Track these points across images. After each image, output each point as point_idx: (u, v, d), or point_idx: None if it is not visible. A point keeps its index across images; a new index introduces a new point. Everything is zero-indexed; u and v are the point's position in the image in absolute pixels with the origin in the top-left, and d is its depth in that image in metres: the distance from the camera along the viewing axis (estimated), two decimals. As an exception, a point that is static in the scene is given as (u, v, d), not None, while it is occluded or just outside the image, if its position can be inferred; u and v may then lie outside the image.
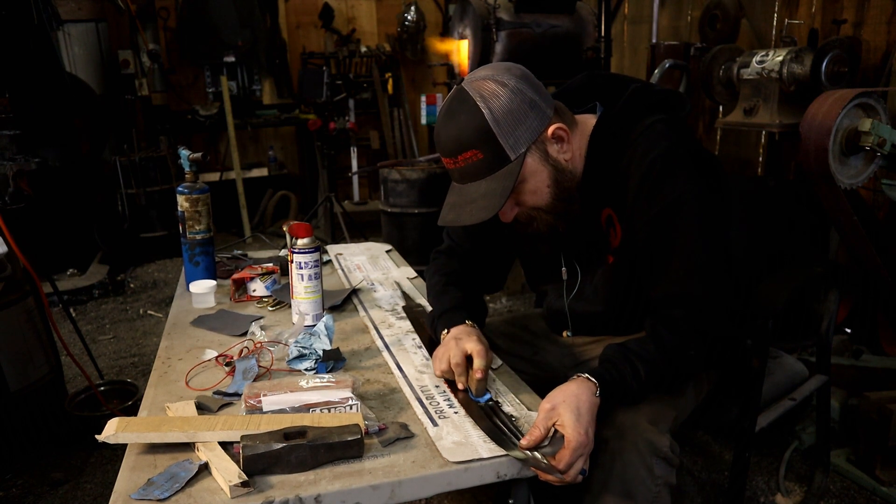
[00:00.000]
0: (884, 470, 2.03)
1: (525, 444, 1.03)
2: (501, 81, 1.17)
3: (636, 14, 4.49)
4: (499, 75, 1.18)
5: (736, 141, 3.70)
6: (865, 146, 2.10)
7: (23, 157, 3.20)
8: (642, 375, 1.17)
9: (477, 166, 1.19)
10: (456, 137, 1.19)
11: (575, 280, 1.43)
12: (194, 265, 1.79)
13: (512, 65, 1.22)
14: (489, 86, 1.17)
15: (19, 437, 2.28)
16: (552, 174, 1.24)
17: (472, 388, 1.21)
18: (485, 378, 1.22)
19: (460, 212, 1.23)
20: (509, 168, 1.18)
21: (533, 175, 1.22)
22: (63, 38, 4.67)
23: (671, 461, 1.16)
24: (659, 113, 1.28)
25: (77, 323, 3.07)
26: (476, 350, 1.24)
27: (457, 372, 1.23)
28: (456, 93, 1.21)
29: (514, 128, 1.17)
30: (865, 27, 2.89)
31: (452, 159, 1.21)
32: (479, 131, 1.16)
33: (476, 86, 1.18)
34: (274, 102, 5.97)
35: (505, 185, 1.18)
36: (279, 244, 3.35)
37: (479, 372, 1.21)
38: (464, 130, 1.17)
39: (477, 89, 1.17)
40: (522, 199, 1.25)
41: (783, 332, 1.59)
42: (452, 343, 1.27)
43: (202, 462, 0.98)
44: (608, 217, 1.31)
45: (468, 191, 1.22)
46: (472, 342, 1.26)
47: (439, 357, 1.27)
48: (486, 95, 1.16)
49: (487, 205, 1.19)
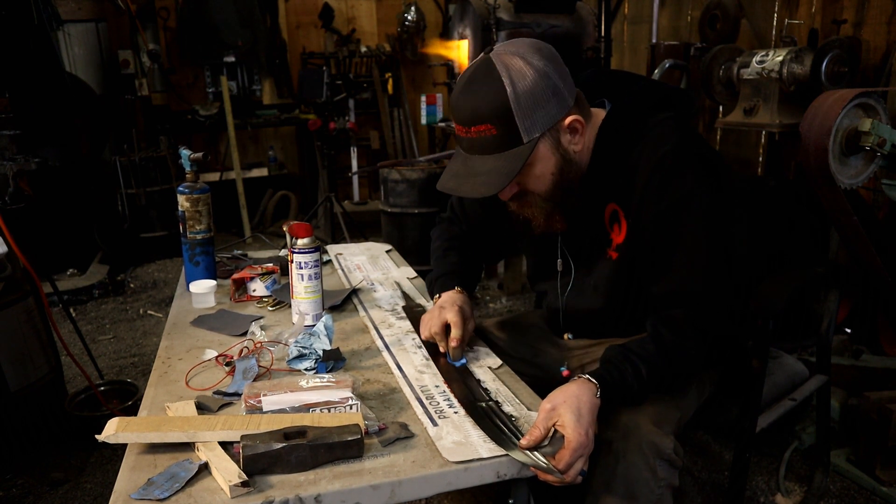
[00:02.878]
0: (884, 470, 2.03)
1: (525, 444, 1.03)
2: (530, 61, 1.16)
3: (636, 14, 4.49)
4: (529, 55, 1.17)
5: (736, 141, 3.70)
6: (865, 146, 2.10)
7: (23, 157, 3.19)
8: (643, 375, 1.17)
9: (488, 141, 1.18)
10: (473, 107, 1.17)
11: (570, 276, 1.43)
12: (194, 265, 1.79)
13: (543, 45, 1.21)
14: (517, 63, 1.16)
15: (19, 437, 2.28)
16: (559, 163, 1.23)
17: (450, 353, 1.33)
18: (459, 346, 1.33)
19: (462, 182, 1.23)
20: (520, 150, 1.17)
21: (541, 161, 1.22)
22: (63, 38, 4.67)
23: (674, 463, 1.15)
24: (668, 110, 1.28)
25: (77, 323, 3.07)
26: (453, 320, 1.33)
27: (437, 339, 1.36)
28: (482, 62, 1.18)
29: (532, 111, 1.16)
30: (865, 27, 2.89)
31: (465, 128, 1.20)
32: (498, 107, 1.15)
33: (504, 60, 1.16)
34: (274, 102, 5.97)
35: (512, 167, 1.17)
36: (279, 244, 3.35)
37: (454, 340, 1.32)
38: (483, 103, 1.16)
39: (504, 64, 1.16)
40: (525, 181, 1.25)
41: (783, 332, 1.59)
42: (436, 311, 1.38)
43: (202, 462, 0.98)
44: (613, 212, 1.31)
45: (474, 163, 1.21)
46: (453, 312, 1.35)
47: (423, 323, 1.39)
48: (513, 73, 1.15)
49: (490, 182, 1.18)
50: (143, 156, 4.68)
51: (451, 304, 1.38)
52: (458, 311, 1.36)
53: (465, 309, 1.39)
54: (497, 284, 4.14)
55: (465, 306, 1.40)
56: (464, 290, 1.46)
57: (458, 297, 1.42)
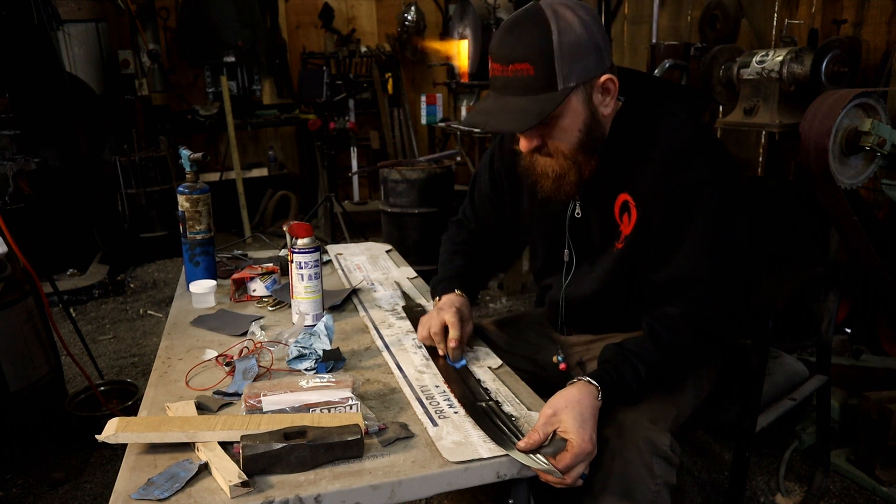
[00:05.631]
0: (884, 470, 2.03)
1: (522, 447, 1.02)
2: (579, 14, 1.17)
3: (636, 14, 4.49)
4: (577, 8, 1.19)
5: (736, 141, 3.70)
6: (865, 146, 2.10)
7: (23, 157, 3.19)
8: (642, 376, 1.18)
9: (524, 81, 1.17)
10: (515, 45, 1.17)
11: (573, 267, 1.44)
12: (194, 265, 1.79)
13: (588, 5, 1.23)
14: (566, 12, 1.17)
15: (19, 437, 2.28)
16: (588, 121, 1.23)
17: (450, 354, 1.33)
18: (458, 346, 1.33)
19: (490, 118, 1.22)
20: (553, 95, 1.17)
21: (571, 113, 1.21)
22: (63, 38, 4.66)
23: (671, 460, 1.15)
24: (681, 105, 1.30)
25: (77, 323, 3.07)
26: (451, 321, 1.34)
27: (435, 340, 1.36)
28: (531, 7, 1.19)
29: (573, 60, 1.16)
30: (865, 27, 2.89)
31: (502, 66, 1.19)
32: (541, 48, 1.15)
33: (554, 6, 1.17)
34: (274, 102, 5.97)
35: (543, 108, 1.17)
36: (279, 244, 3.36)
37: (453, 341, 1.32)
38: (526, 41, 1.16)
39: (554, 10, 1.17)
40: (551, 132, 1.24)
41: (783, 332, 1.59)
42: (435, 313, 1.39)
43: (202, 462, 0.98)
44: (624, 203, 1.30)
45: (505, 102, 1.20)
46: (450, 313, 1.36)
47: (422, 325, 1.40)
48: (560, 20, 1.16)
49: (520, 119, 1.18)
50: (143, 156, 4.68)
51: (449, 305, 1.40)
52: (456, 312, 1.37)
53: (464, 311, 1.40)
54: (497, 284, 4.14)
55: (464, 308, 1.41)
56: (464, 294, 1.47)
57: (457, 300, 1.43)
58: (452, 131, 4.57)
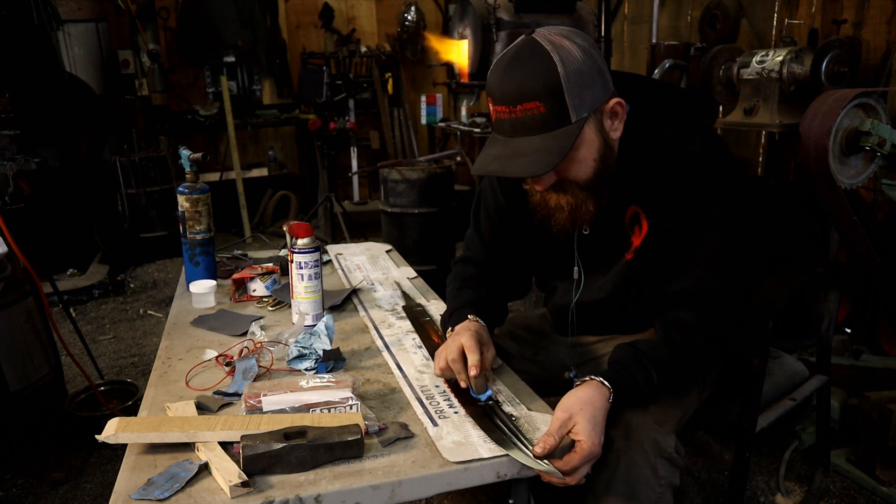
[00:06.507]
0: (884, 470, 2.03)
1: (539, 453, 1.01)
2: (575, 41, 1.14)
3: (636, 14, 4.49)
4: (572, 35, 1.15)
5: (736, 141, 3.70)
6: (865, 146, 2.10)
7: (23, 157, 3.18)
8: (654, 380, 1.17)
9: (536, 120, 1.13)
10: (520, 85, 1.12)
11: (582, 280, 1.42)
12: (194, 265, 1.79)
13: (580, 31, 1.19)
14: (564, 42, 1.13)
15: (19, 437, 2.28)
16: (602, 149, 1.20)
17: (472, 385, 1.19)
18: (480, 374, 1.19)
19: (506, 164, 1.15)
20: (568, 129, 1.13)
21: (586, 144, 1.17)
22: (63, 38, 4.66)
23: (675, 462, 1.15)
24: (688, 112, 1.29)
25: (77, 323, 3.07)
26: (468, 345, 1.22)
27: (455, 368, 1.21)
28: (525, 42, 1.15)
29: (581, 90, 1.12)
30: (865, 27, 2.89)
31: (509, 108, 1.14)
32: (549, 83, 1.11)
33: (550, 38, 1.13)
34: (274, 102, 5.97)
35: (563, 145, 1.12)
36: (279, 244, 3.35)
37: (473, 368, 1.19)
38: (532, 79, 1.11)
39: (551, 42, 1.12)
40: (567, 167, 1.19)
41: (783, 332, 1.59)
42: (450, 340, 1.27)
43: (202, 462, 0.98)
44: (634, 214, 1.29)
45: (518, 144, 1.15)
46: (467, 336, 1.24)
47: (438, 356, 1.27)
48: (561, 51, 1.12)
49: (541, 160, 1.12)
50: (143, 156, 4.68)
51: (464, 330, 1.29)
52: (474, 334, 1.26)
53: (482, 334, 1.29)
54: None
55: (483, 332, 1.30)
56: (479, 319, 1.35)
57: (473, 324, 1.31)
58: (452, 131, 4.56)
